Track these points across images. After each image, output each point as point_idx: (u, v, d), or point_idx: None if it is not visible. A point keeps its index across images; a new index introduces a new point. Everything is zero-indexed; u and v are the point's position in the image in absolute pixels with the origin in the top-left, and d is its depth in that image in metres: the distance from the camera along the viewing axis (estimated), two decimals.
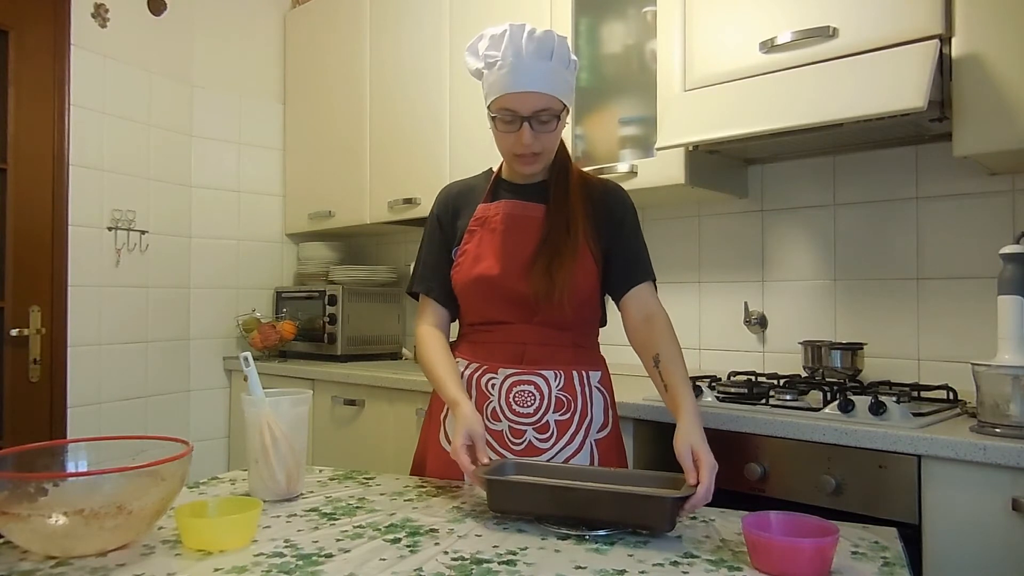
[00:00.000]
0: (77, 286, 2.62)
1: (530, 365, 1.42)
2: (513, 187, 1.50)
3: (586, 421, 1.43)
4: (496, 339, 1.45)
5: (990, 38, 1.59)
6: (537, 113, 1.35)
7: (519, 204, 1.47)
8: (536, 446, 1.40)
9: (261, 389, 1.23)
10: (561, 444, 1.40)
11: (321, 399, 2.73)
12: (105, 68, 2.72)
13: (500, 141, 1.44)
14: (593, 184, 1.52)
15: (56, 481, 0.96)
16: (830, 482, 1.52)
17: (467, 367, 1.47)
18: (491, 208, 1.48)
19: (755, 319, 2.27)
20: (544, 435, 1.40)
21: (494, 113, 1.39)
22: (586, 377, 1.46)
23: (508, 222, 1.45)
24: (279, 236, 3.41)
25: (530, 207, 1.46)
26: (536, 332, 1.43)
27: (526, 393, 1.41)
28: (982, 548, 1.35)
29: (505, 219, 1.45)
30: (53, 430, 2.52)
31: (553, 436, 1.40)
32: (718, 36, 1.96)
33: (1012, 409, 1.40)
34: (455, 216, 1.53)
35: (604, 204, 1.49)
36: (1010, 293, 1.46)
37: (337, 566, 0.91)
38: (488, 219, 1.47)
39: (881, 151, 2.06)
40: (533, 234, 1.43)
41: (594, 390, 1.47)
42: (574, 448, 1.41)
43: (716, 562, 0.93)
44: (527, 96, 1.34)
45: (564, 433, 1.41)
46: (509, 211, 1.46)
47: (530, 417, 1.40)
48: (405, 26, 2.85)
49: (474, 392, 1.44)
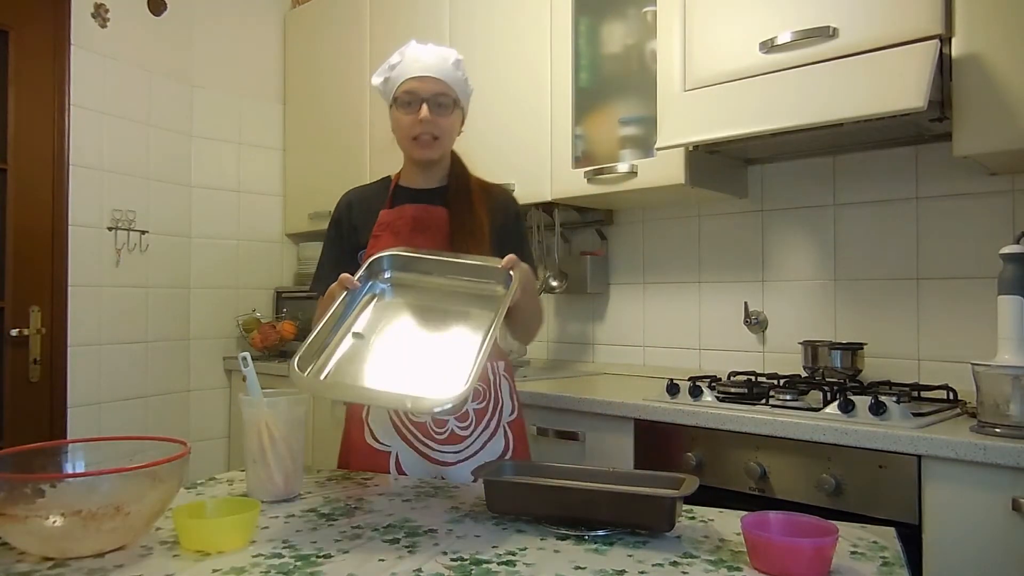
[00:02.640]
0: (77, 286, 2.62)
1: None
2: (413, 193, 1.59)
3: (499, 407, 1.56)
4: None
5: (990, 38, 1.59)
6: (436, 96, 1.50)
7: (423, 208, 1.55)
8: (457, 433, 1.49)
9: (259, 389, 1.23)
10: (479, 430, 1.51)
11: (320, 399, 2.72)
12: (105, 68, 2.72)
13: (400, 127, 1.54)
14: (491, 189, 1.63)
15: (53, 482, 0.96)
16: (830, 482, 1.52)
17: None
18: (394, 212, 1.56)
19: (755, 319, 2.27)
20: (464, 423, 1.50)
21: (396, 97, 1.52)
22: (496, 367, 1.58)
23: (415, 224, 1.53)
24: (279, 236, 3.41)
25: (434, 210, 1.55)
26: None
27: None
28: (982, 548, 1.35)
29: (411, 221, 1.54)
30: (53, 430, 2.52)
31: (472, 423, 1.51)
32: (718, 36, 1.96)
33: (1012, 409, 1.40)
34: (355, 221, 1.61)
35: (502, 209, 1.60)
36: (1010, 293, 1.46)
37: (336, 567, 0.90)
38: (392, 223, 1.55)
39: (881, 151, 2.06)
40: (439, 236, 1.52)
41: (501, 378, 1.59)
42: (490, 432, 1.53)
43: (715, 562, 0.93)
44: (426, 80, 1.50)
45: (482, 420, 1.52)
46: (415, 214, 1.55)
47: None
48: (405, 26, 2.85)
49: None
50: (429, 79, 1.50)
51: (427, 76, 1.50)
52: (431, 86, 1.50)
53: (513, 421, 1.59)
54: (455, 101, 1.53)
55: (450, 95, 1.52)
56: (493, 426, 1.54)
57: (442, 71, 1.52)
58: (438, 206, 1.56)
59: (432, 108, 1.50)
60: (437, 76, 1.51)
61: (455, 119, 1.55)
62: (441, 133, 1.53)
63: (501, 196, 1.66)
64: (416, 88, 1.50)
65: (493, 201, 1.60)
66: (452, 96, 1.52)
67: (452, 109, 1.53)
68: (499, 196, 1.65)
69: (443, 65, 1.52)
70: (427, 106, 1.49)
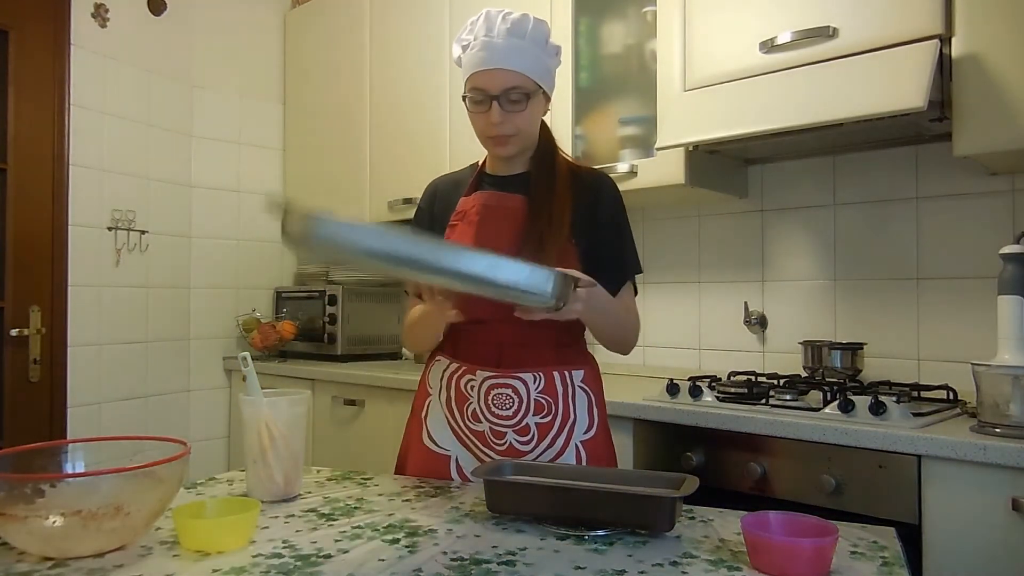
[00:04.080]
0: (77, 286, 2.62)
1: (507, 368, 1.37)
2: (495, 179, 1.46)
3: (568, 423, 1.38)
4: (475, 339, 1.41)
5: (990, 38, 1.59)
6: (507, 91, 1.32)
7: (495, 195, 1.42)
8: (517, 448, 1.36)
9: (259, 389, 1.23)
10: (543, 447, 1.36)
11: (321, 399, 2.73)
12: (105, 68, 2.72)
13: (474, 123, 1.41)
14: (582, 175, 1.46)
15: (53, 482, 0.96)
16: (830, 482, 1.52)
17: (448, 366, 1.44)
18: (469, 200, 1.44)
19: (755, 319, 2.27)
20: (525, 437, 1.37)
21: (467, 94, 1.38)
22: (568, 377, 1.40)
23: (484, 213, 1.41)
24: (279, 236, 3.40)
25: (508, 197, 1.41)
26: (514, 331, 1.34)
27: (504, 396, 1.37)
28: (982, 548, 1.35)
29: (481, 210, 1.41)
30: (53, 430, 2.52)
31: (534, 439, 1.36)
32: (718, 36, 1.96)
33: (1012, 409, 1.40)
34: (439, 210, 1.49)
35: (593, 197, 1.43)
36: (1010, 293, 1.46)
37: (336, 567, 0.90)
38: (466, 212, 1.43)
39: (881, 151, 2.06)
40: (509, 226, 1.37)
41: (577, 390, 1.40)
42: (556, 451, 1.36)
43: (715, 562, 0.93)
44: (495, 73, 1.32)
45: (545, 436, 1.37)
46: (484, 201, 1.42)
47: (509, 420, 1.36)
48: (405, 26, 2.85)
49: (453, 392, 1.41)
50: (499, 72, 1.32)
51: (496, 69, 1.32)
52: (501, 80, 1.32)
53: (590, 439, 1.38)
54: (532, 91, 1.35)
55: (525, 87, 1.33)
56: (561, 444, 1.36)
57: (514, 59, 1.32)
58: (517, 193, 1.41)
59: (504, 104, 1.33)
60: (508, 68, 1.31)
61: (534, 108, 1.37)
62: (517, 130, 1.36)
63: (591, 179, 1.46)
64: (484, 84, 1.33)
65: (581, 185, 1.42)
66: (527, 88, 1.33)
67: (529, 100, 1.34)
68: (589, 180, 1.45)
69: (515, 51, 1.32)
70: (497, 104, 1.33)
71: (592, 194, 1.42)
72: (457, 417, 1.41)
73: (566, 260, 1.31)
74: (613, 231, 1.43)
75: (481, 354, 1.40)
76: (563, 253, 1.33)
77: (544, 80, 1.37)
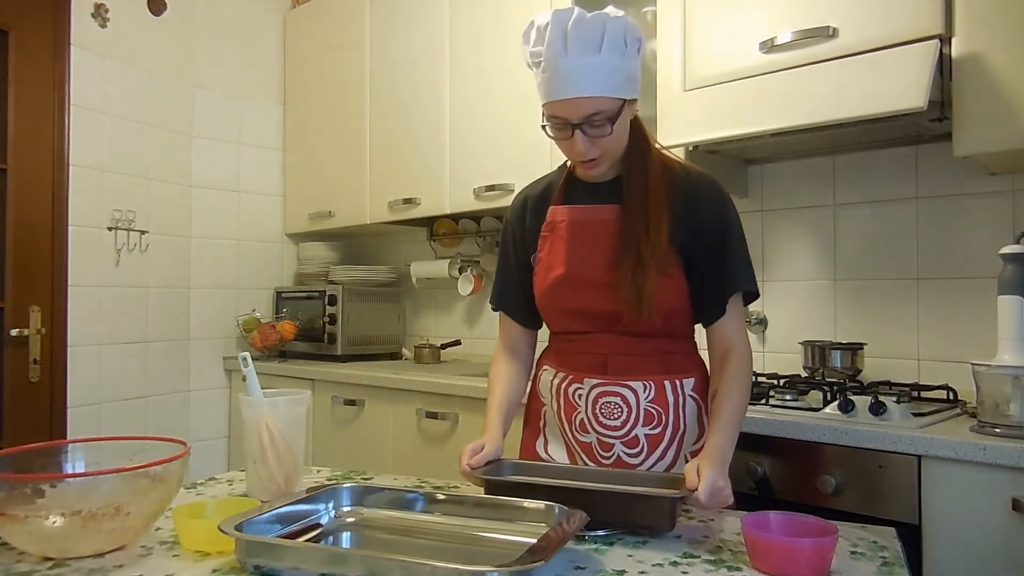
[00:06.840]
0: (77, 286, 2.62)
1: (615, 375, 1.32)
2: (586, 186, 1.37)
3: (679, 434, 1.32)
4: (578, 348, 1.36)
5: (990, 38, 1.59)
6: (588, 118, 1.21)
7: (585, 209, 1.34)
8: (625, 460, 1.30)
9: (259, 389, 1.23)
10: (653, 459, 1.30)
11: (321, 399, 2.73)
12: (105, 68, 2.72)
13: (559, 147, 1.31)
14: (677, 177, 1.33)
15: (53, 482, 0.96)
16: (830, 482, 1.52)
17: (555, 376, 1.39)
18: (559, 212, 1.37)
19: (755, 319, 2.27)
20: (634, 449, 1.30)
21: (545, 122, 1.27)
22: (679, 386, 1.33)
23: (573, 229, 1.33)
24: (279, 236, 3.41)
25: (598, 210, 1.32)
26: (618, 342, 1.32)
27: (612, 405, 1.31)
28: (982, 548, 1.35)
29: (571, 227, 1.33)
30: (53, 430, 2.52)
31: (644, 451, 1.30)
32: (718, 36, 1.96)
33: (1012, 409, 1.40)
34: (528, 223, 1.42)
35: (690, 202, 1.31)
36: (1010, 293, 1.46)
37: None
38: (556, 224, 1.36)
39: (881, 151, 2.06)
40: (603, 240, 1.30)
41: (687, 399, 1.33)
42: (667, 463, 1.30)
43: (715, 562, 0.93)
44: (574, 103, 1.20)
45: (655, 448, 1.30)
46: (574, 218, 1.34)
47: (618, 430, 1.31)
48: (405, 26, 2.85)
49: (562, 402, 1.37)
50: (577, 101, 1.20)
51: (574, 99, 1.20)
52: (580, 109, 1.20)
53: (699, 449, 1.29)
54: (615, 111, 1.22)
55: (608, 111, 1.21)
56: (671, 455, 1.31)
57: (591, 83, 1.19)
58: (607, 204, 1.32)
59: (587, 131, 1.22)
60: (586, 96, 1.19)
61: (620, 125, 1.25)
62: (602, 153, 1.26)
63: (687, 183, 1.33)
64: (564, 114, 1.22)
65: (676, 188, 1.31)
66: (610, 112, 1.21)
67: (612, 125, 1.22)
68: (685, 183, 1.32)
69: (591, 72, 1.18)
70: (580, 132, 1.23)
71: (688, 199, 1.31)
72: (567, 428, 1.37)
73: (669, 271, 1.27)
74: (716, 241, 1.31)
75: (586, 363, 1.35)
76: (664, 264, 1.26)
77: (628, 91, 1.23)
